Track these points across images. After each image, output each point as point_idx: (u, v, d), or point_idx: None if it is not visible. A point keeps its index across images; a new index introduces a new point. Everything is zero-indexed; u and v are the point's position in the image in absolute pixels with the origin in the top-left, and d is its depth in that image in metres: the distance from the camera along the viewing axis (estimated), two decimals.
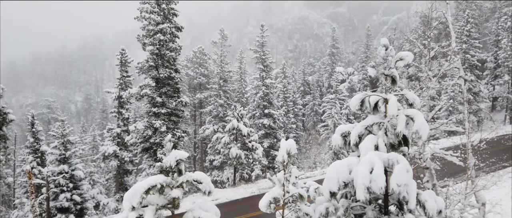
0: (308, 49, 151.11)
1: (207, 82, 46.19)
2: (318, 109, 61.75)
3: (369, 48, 66.02)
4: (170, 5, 25.74)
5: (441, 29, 33.65)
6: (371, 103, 6.70)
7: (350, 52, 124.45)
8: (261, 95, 40.67)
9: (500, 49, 44.08)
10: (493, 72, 45.86)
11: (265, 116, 40.64)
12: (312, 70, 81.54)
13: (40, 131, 29.27)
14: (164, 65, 25.59)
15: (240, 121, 27.92)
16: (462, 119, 21.90)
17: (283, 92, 52.20)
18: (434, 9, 10.80)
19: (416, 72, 37.49)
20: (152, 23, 24.85)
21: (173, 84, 26.07)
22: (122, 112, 31.70)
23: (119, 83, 31.85)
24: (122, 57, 32.04)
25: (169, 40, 25.54)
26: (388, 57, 6.72)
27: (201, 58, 47.13)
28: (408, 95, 6.62)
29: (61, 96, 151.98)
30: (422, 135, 6.07)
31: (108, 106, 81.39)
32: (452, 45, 9.96)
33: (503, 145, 26.33)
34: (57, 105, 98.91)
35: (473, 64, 41.47)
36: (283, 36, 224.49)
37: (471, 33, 42.14)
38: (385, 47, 6.81)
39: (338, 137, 6.97)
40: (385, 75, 6.71)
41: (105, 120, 73.59)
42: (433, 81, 9.85)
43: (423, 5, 25.96)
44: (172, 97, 26.06)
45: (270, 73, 42.68)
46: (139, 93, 25.23)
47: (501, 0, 52.10)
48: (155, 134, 25.33)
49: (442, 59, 15.52)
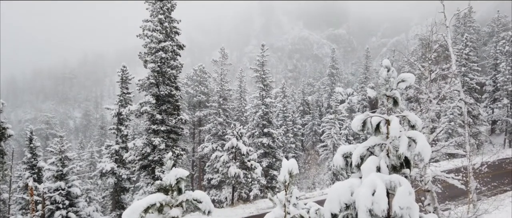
0: (307, 69, 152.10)
1: (207, 100, 46.27)
2: (317, 129, 61.68)
3: (368, 70, 66.43)
4: (172, 24, 26.01)
5: (440, 52, 33.97)
6: (373, 125, 6.67)
7: (349, 73, 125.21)
8: (260, 114, 40.67)
9: (499, 72, 44.40)
10: (492, 96, 46.05)
11: (264, 135, 40.53)
12: (311, 90, 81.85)
13: (38, 147, 29.11)
14: (165, 83, 25.67)
15: (239, 140, 27.82)
16: (462, 142, 21.85)
17: (283, 112, 52.23)
18: (434, 32, 10.91)
19: (415, 94, 37.64)
20: (154, 41, 25.06)
21: (173, 101, 26.09)
22: (121, 128, 31.61)
23: (119, 100, 31.87)
24: (123, 74, 32.16)
25: (171, 58, 25.70)
26: (390, 79, 6.73)
27: (202, 76, 47.36)
28: (409, 117, 6.61)
29: (60, 112, 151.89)
30: (424, 157, 6.03)
31: (107, 123, 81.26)
32: (452, 68, 10.02)
33: (504, 168, 26.18)
34: (56, 121, 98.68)
35: (472, 87, 41.68)
36: (283, 56, 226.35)
37: (469, 56, 42.53)
38: (387, 69, 6.83)
39: (339, 157, 6.92)
40: (386, 96, 6.71)
41: (103, 136, 73.29)
42: (433, 104, 9.86)
43: (422, 28, 26.17)
44: (172, 114, 26.04)
45: (270, 93, 42.79)
46: (139, 110, 25.21)
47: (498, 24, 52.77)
48: (154, 151, 25.18)
49: (442, 82, 15.60)
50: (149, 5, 25.39)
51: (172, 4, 25.92)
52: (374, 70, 72.75)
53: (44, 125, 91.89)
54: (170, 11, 25.99)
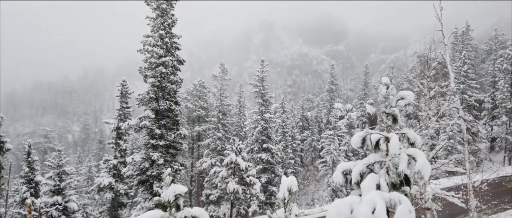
0: (307, 84, 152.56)
1: (206, 115, 46.26)
2: (316, 145, 61.53)
3: (367, 86, 66.70)
4: (173, 39, 26.21)
5: (438, 69, 34.17)
6: (373, 142, 6.67)
7: (348, 89, 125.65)
8: (260, 129, 40.63)
9: (497, 90, 44.59)
10: (491, 113, 46.13)
11: (264, 151, 40.41)
12: (311, 105, 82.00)
13: (36, 161, 28.95)
14: (165, 98, 25.71)
15: (238, 155, 27.71)
16: (462, 159, 21.79)
17: (282, 127, 52.19)
18: (433, 50, 11.00)
19: (414, 110, 37.71)
20: (155, 56, 25.20)
21: (173, 116, 26.08)
22: (120, 143, 31.50)
23: (119, 114, 31.85)
24: (123, 89, 32.22)
25: (171, 73, 25.80)
26: (389, 96, 6.76)
27: (201, 91, 47.48)
28: (409, 135, 6.62)
29: (59, 125, 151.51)
30: (424, 175, 6.02)
31: (106, 137, 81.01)
32: (451, 85, 10.07)
33: (504, 186, 26.05)
34: (54, 135, 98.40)
35: (471, 105, 41.78)
36: (282, 71, 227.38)
37: (468, 73, 42.77)
38: (386, 86, 6.87)
39: (339, 174, 6.90)
40: (386, 113, 6.73)
41: (101, 150, 73.01)
42: (432, 121, 9.88)
43: (421, 45, 26.41)
44: (171, 129, 26.00)
45: (269, 108, 42.84)
46: (138, 125, 25.17)
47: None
48: (152, 166, 25.05)
49: (441, 99, 15.63)
50: (150, 21, 25.61)
51: (173, 20, 26.16)
52: (373, 86, 73.06)
53: (42, 138, 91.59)
54: (171, 26, 26.21)
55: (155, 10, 25.57)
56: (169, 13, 26.00)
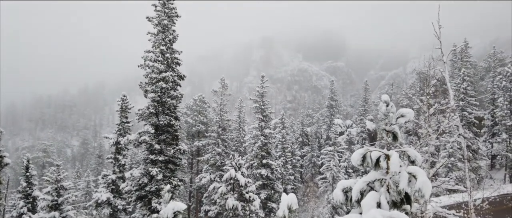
0: (306, 100, 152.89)
1: (206, 130, 46.19)
2: (316, 161, 61.26)
3: (367, 102, 66.80)
4: (174, 55, 26.39)
5: (438, 86, 34.30)
6: (373, 159, 6.65)
7: (348, 105, 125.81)
8: (259, 145, 40.51)
9: (497, 107, 44.64)
10: (491, 130, 46.08)
11: (263, 166, 40.21)
12: (310, 121, 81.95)
13: (34, 175, 28.77)
14: (165, 113, 25.74)
15: (238, 171, 27.58)
16: (462, 176, 21.69)
17: (282, 143, 52.04)
18: (432, 68, 11.07)
19: (414, 127, 37.67)
20: (155, 71, 25.32)
21: (173, 131, 26.06)
22: (119, 158, 31.35)
23: (118, 129, 31.79)
24: (123, 103, 32.25)
25: (171, 88, 25.90)
26: (389, 114, 6.78)
27: (201, 106, 47.54)
28: (409, 152, 6.60)
29: (58, 140, 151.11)
30: (425, 193, 5.99)
31: (105, 152, 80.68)
32: (451, 102, 10.10)
33: (506, 205, 25.80)
34: (53, 149, 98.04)
35: (470, 122, 41.76)
36: (282, 87, 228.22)
37: (467, 91, 42.87)
38: (386, 104, 6.88)
39: (339, 192, 6.86)
40: (386, 131, 6.74)
41: (100, 165, 72.64)
42: (432, 138, 9.88)
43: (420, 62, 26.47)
44: (170, 144, 25.94)
45: (269, 123, 42.80)
46: (138, 140, 25.13)
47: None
48: (151, 181, 24.90)
49: (440, 116, 15.60)
50: (151, 36, 25.84)
51: (174, 36, 26.40)
52: (373, 102, 73.18)
53: (41, 153, 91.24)
54: (172, 42, 26.44)
55: (156, 26, 25.83)
56: (171, 29, 26.26)
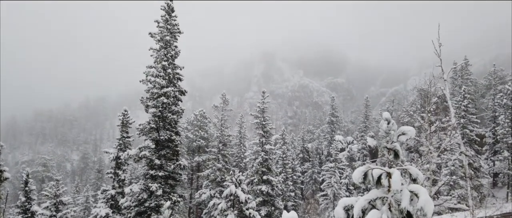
0: (307, 116, 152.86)
1: (206, 146, 46.07)
2: (317, 177, 60.87)
3: (368, 119, 66.76)
4: (175, 70, 26.54)
5: (438, 104, 34.34)
6: (374, 177, 6.62)
7: (349, 121, 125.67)
8: (260, 161, 40.34)
9: (498, 125, 44.55)
10: (493, 148, 45.90)
11: (264, 182, 39.95)
12: (311, 137, 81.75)
13: (33, 190, 28.59)
14: (165, 128, 25.73)
15: (238, 187, 27.38)
16: (464, 195, 21.51)
17: (282, 159, 51.81)
18: (433, 85, 11.11)
19: (415, 144, 37.59)
20: (157, 86, 25.43)
21: (173, 146, 26.00)
22: (119, 173, 31.19)
23: (119, 143, 31.71)
24: (124, 118, 32.25)
25: (172, 103, 25.95)
26: (390, 131, 6.78)
27: (202, 121, 47.53)
28: (411, 171, 6.58)
29: (58, 154, 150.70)
30: (427, 212, 5.94)
31: (105, 167, 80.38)
32: (452, 121, 10.11)
33: None
34: (53, 163, 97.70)
35: (472, 139, 41.64)
36: (283, 102, 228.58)
37: (468, 108, 42.88)
38: (387, 121, 6.89)
39: (340, 210, 6.81)
40: (387, 149, 6.73)
41: (100, 180, 72.24)
42: (434, 156, 9.85)
43: (421, 79, 26.45)
44: (170, 160, 25.85)
45: (270, 139, 42.70)
46: (138, 155, 25.05)
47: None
48: (151, 197, 24.72)
49: (441, 133, 15.56)
50: (153, 52, 26.04)
51: (176, 52, 26.60)
52: (373, 119, 73.16)
53: (41, 167, 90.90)
54: (173, 58, 26.62)
55: (158, 42, 26.05)
56: (173, 45, 26.48)
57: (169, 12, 26.34)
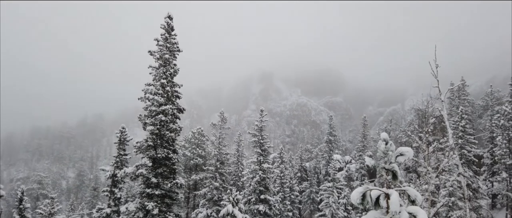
0: (305, 135, 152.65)
1: (204, 164, 45.77)
2: (315, 197, 60.34)
3: (366, 138, 66.66)
4: (174, 88, 26.62)
5: (436, 124, 34.41)
6: (373, 198, 6.59)
7: (347, 141, 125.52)
8: (257, 179, 40.04)
9: (496, 146, 44.53)
10: (491, 169, 45.74)
11: (261, 202, 39.56)
12: (309, 156, 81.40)
13: (28, 208, 28.20)
14: (163, 146, 25.62)
15: (235, 206, 27.08)
16: (463, 216, 21.31)
17: (280, 178, 51.45)
18: (430, 106, 11.16)
19: (414, 164, 37.46)
20: (155, 104, 25.44)
21: (170, 165, 25.83)
22: (115, 191, 30.88)
23: (115, 161, 31.51)
24: (122, 135, 32.14)
25: (170, 121, 25.92)
26: (388, 152, 6.78)
27: (200, 139, 47.33)
28: (409, 192, 6.55)
29: (53, 171, 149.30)
30: None
31: (101, 185, 79.58)
32: (450, 141, 10.12)
33: None
34: (48, 180, 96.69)
35: (470, 160, 41.53)
36: (281, 121, 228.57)
37: (466, 129, 42.92)
38: (385, 142, 6.90)
39: None
40: (385, 169, 6.71)
41: (95, 198, 71.35)
42: (432, 177, 9.81)
43: (418, 99, 26.56)
44: (167, 178, 25.65)
45: (268, 158, 42.50)
46: (135, 173, 24.86)
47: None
48: (147, 216, 24.41)
49: (439, 153, 15.54)
50: (152, 70, 26.16)
51: (175, 70, 26.73)
52: (371, 138, 73.09)
53: (36, 184, 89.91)
54: (172, 76, 26.73)
55: (158, 60, 26.20)
56: (172, 63, 26.63)
57: (168, 31, 26.58)
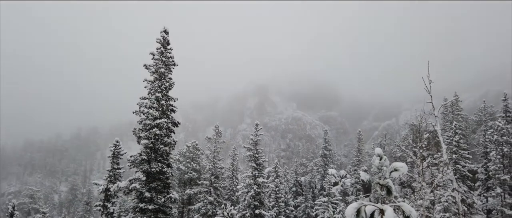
0: (300, 149, 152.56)
1: (198, 178, 45.44)
2: (310, 212, 59.91)
3: (361, 153, 66.68)
4: (169, 102, 26.57)
5: (430, 139, 34.52)
6: (367, 214, 6.56)
7: (342, 155, 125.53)
8: (252, 194, 39.75)
9: (490, 161, 44.67)
10: (485, 184, 45.78)
11: (256, 217, 39.20)
12: (304, 170, 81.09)
13: None
14: (157, 159, 25.43)
15: None
16: None
17: (275, 192, 51.12)
18: (424, 121, 11.23)
19: (408, 179, 37.44)
20: (150, 117, 25.34)
21: (164, 179, 25.61)
22: (108, 205, 30.51)
23: (109, 175, 31.23)
24: (115, 149, 31.93)
25: (165, 135, 25.79)
26: (383, 167, 6.78)
27: (194, 153, 47.08)
28: (404, 208, 6.53)
29: (46, 185, 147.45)
30: None
31: (93, 199, 78.56)
32: (444, 157, 10.15)
33: None
34: (40, 195, 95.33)
35: (464, 175, 41.60)
36: (276, 135, 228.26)
37: (460, 144, 43.10)
38: (379, 157, 6.91)
39: None
40: (380, 185, 6.71)
41: (88, 213, 70.31)
42: (427, 192, 9.80)
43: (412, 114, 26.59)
44: (161, 192, 25.39)
45: (263, 172, 42.30)
46: (128, 187, 24.61)
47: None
48: None
49: (434, 168, 15.54)
50: (147, 84, 26.14)
51: (170, 83, 26.73)
52: (366, 153, 73.07)
53: (27, 198, 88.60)
54: (168, 89, 26.71)
55: (153, 74, 26.21)
56: (167, 77, 26.64)
57: (164, 45, 26.67)
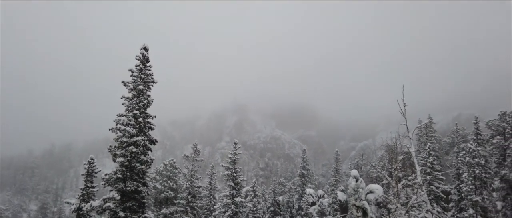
0: (279, 168, 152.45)
1: (175, 197, 44.57)
2: None
3: (338, 172, 67.20)
4: (147, 119, 26.26)
5: (405, 159, 35.23)
6: None
7: (320, 175, 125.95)
8: (230, 214, 39.34)
9: (462, 182, 45.80)
10: (458, 205, 46.76)
11: None
12: (282, 190, 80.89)
13: None
14: (133, 178, 24.92)
15: None
16: None
17: (253, 212, 50.64)
18: (399, 143, 11.50)
19: (384, 199, 37.88)
20: (127, 135, 24.93)
21: (139, 198, 25.07)
22: None
23: (82, 193, 30.22)
24: (90, 167, 31.05)
25: (141, 153, 25.38)
26: (359, 189, 6.94)
27: (171, 171, 46.30)
28: None
29: (14, 203, 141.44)
30: None
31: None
32: (418, 179, 10.39)
33: None
34: (8, 213, 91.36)
35: (438, 196, 42.45)
36: (255, 154, 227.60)
37: (433, 165, 44.10)
38: (355, 179, 7.06)
39: None
40: (356, 206, 6.82)
41: None
42: (402, 214, 9.97)
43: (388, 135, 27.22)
44: (136, 212, 24.79)
45: (241, 191, 42.02)
46: (101, 207, 23.94)
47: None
48: None
49: (409, 189, 15.83)
50: (125, 100, 25.80)
51: (149, 101, 26.48)
52: (344, 173, 73.76)
53: None
54: (146, 107, 26.44)
55: (131, 91, 25.94)
56: (146, 94, 26.42)
57: (144, 62, 26.52)
